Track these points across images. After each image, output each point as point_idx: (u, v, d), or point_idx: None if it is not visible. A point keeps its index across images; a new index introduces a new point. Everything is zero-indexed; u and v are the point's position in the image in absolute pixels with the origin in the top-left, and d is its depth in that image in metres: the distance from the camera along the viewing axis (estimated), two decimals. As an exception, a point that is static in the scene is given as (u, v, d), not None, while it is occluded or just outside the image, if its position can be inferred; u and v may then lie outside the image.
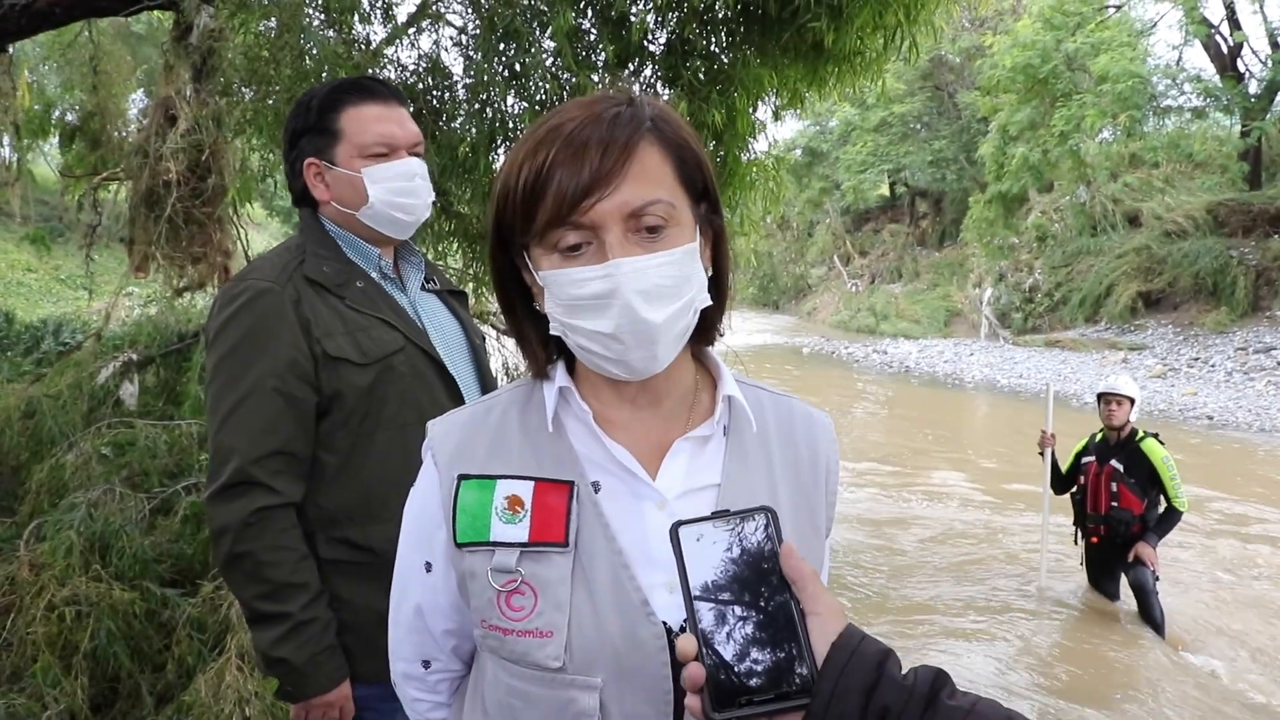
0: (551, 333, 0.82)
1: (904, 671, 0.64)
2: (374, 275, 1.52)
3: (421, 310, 1.57)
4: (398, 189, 1.48)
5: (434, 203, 1.62)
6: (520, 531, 0.81)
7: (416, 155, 1.53)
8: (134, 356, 3.08)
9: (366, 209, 1.48)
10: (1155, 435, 4.58)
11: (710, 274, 0.84)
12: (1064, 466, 4.86)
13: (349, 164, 1.47)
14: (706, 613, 0.64)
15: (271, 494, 1.35)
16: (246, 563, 1.34)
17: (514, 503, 0.82)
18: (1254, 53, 17.68)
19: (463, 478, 0.84)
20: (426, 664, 0.93)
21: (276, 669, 1.37)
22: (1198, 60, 39.28)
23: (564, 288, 0.77)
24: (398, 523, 1.38)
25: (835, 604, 0.66)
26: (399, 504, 1.42)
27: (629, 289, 0.75)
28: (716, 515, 0.68)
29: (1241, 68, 17.45)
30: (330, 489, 1.42)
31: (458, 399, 1.48)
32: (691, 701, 0.63)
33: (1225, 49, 17.44)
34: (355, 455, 1.41)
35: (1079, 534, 4.82)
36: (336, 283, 1.45)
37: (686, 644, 0.64)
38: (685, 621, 0.66)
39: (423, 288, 1.61)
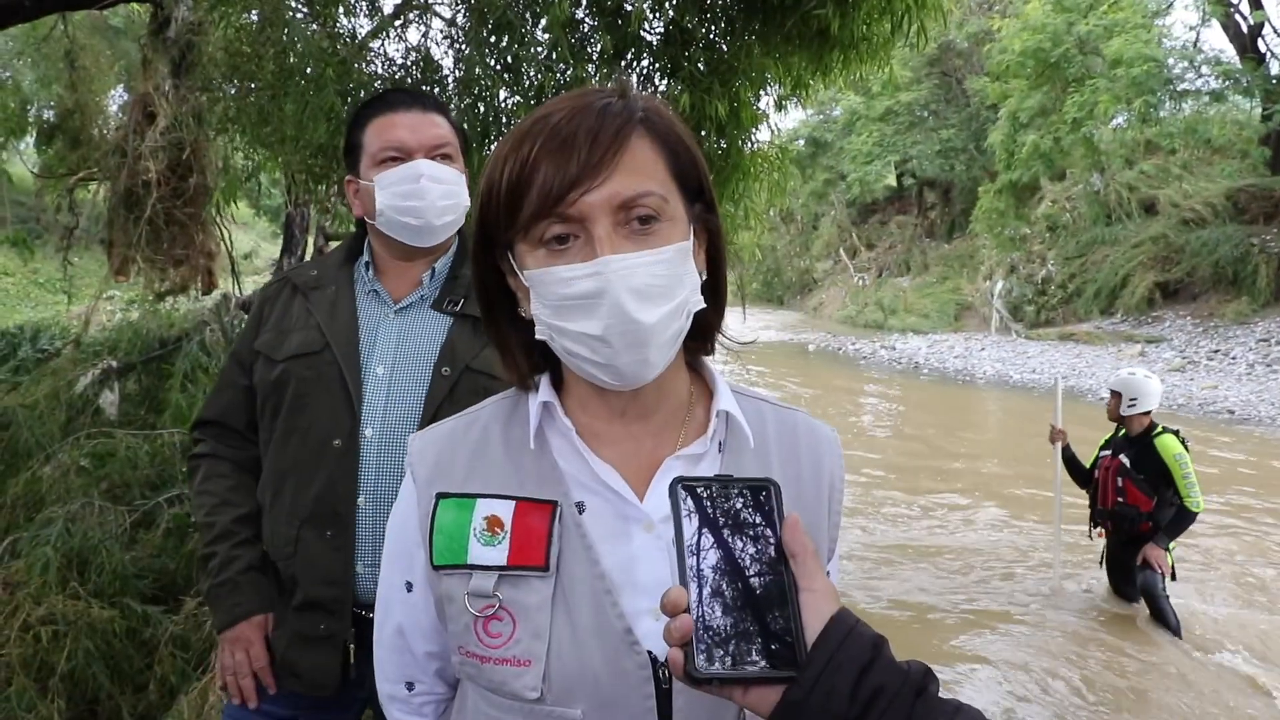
0: (538, 337, 0.78)
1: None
2: (358, 286, 1.54)
3: (394, 326, 1.50)
4: (402, 192, 1.46)
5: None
6: (499, 554, 0.78)
7: (442, 158, 1.50)
8: (114, 364, 3.02)
9: (380, 218, 1.48)
10: (1175, 431, 4.44)
11: (705, 277, 0.81)
12: (1088, 461, 4.82)
13: (367, 175, 1.51)
14: (695, 576, 0.62)
15: (203, 446, 1.59)
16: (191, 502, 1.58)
17: (493, 523, 0.79)
18: (1275, 32, 17.49)
19: (441, 496, 0.81)
20: (410, 686, 0.91)
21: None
22: (1216, 41, 38.74)
23: (550, 287, 0.74)
24: (279, 517, 1.52)
25: (831, 586, 0.64)
26: (288, 498, 1.51)
27: (619, 287, 0.71)
28: (720, 478, 0.66)
29: (1262, 48, 17.16)
30: (263, 471, 1.58)
31: (354, 416, 1.44)
32: (674, 654, 0.61)
33: (1245, 29, 17.13)
34: (269, 445, 1.54)
35: (1092, 528, 4.76)
36: (310, 287, 1.54)
37: (677, 596, 0.61)
38: (677, 575, 0.64)
39: (443, 309, 1.51)
